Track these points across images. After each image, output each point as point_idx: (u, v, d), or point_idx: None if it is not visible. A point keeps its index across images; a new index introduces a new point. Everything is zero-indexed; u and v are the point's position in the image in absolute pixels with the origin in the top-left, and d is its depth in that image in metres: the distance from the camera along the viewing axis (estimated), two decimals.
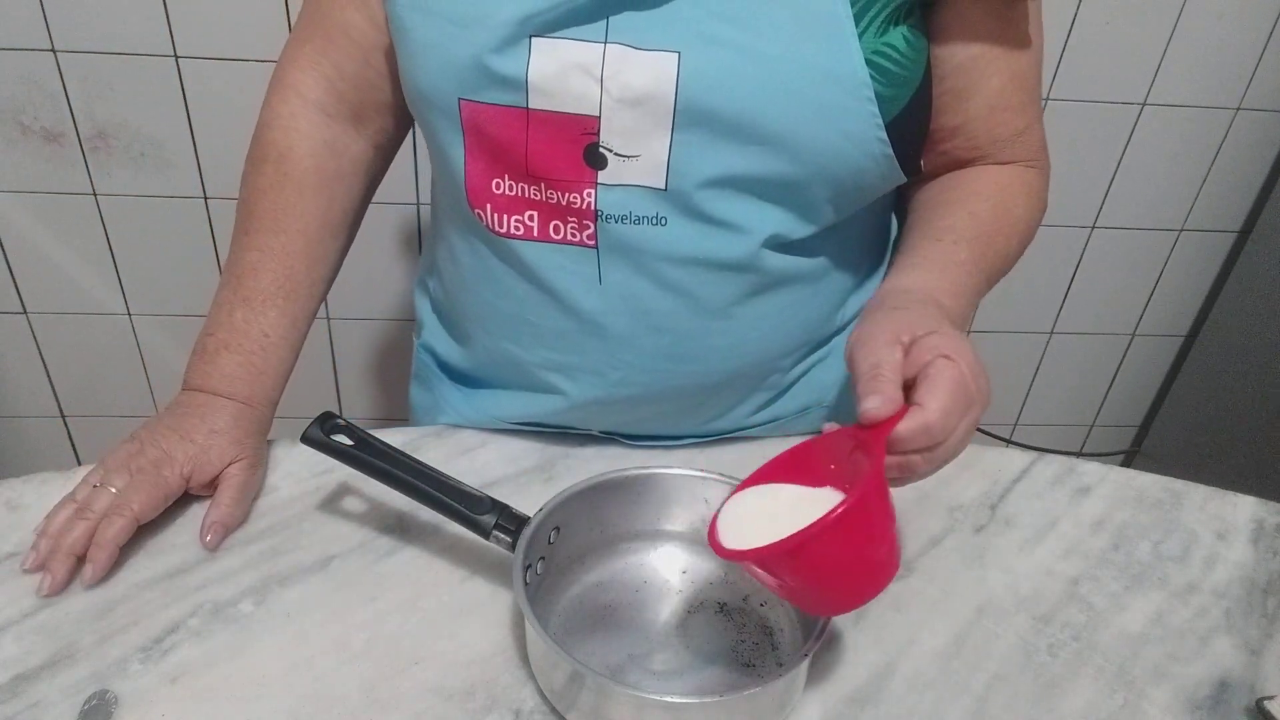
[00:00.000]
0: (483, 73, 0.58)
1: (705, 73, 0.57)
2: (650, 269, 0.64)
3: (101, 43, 1.27)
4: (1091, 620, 0.63)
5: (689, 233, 0.62)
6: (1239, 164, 1.55)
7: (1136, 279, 1.69)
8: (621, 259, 0.63)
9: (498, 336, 0.72)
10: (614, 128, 0.59)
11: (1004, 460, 0.76)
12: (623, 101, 0.58)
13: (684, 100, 0.58)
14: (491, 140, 0.61)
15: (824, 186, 0.62)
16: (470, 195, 0.64)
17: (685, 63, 0.57)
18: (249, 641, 0.57)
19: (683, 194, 0.61)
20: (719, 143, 0.59)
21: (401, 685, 0.55)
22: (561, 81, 0.58)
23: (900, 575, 0.64)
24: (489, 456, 0.73)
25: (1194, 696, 0.58)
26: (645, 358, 0.68)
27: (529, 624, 0.51)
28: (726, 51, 0.57)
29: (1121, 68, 1.44)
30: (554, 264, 0.65)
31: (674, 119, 0.58)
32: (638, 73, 0.57)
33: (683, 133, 0.59)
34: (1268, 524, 0.72)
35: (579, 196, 0.61)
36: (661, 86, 0.57)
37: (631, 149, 0.60)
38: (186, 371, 0.69)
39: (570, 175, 0.61)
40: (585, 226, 0.63)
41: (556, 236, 0.64)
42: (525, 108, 0.59)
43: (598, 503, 0.61)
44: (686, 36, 0.57)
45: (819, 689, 0.56)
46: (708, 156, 0.59)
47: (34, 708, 0.52)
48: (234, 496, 0.64)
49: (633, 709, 0.50)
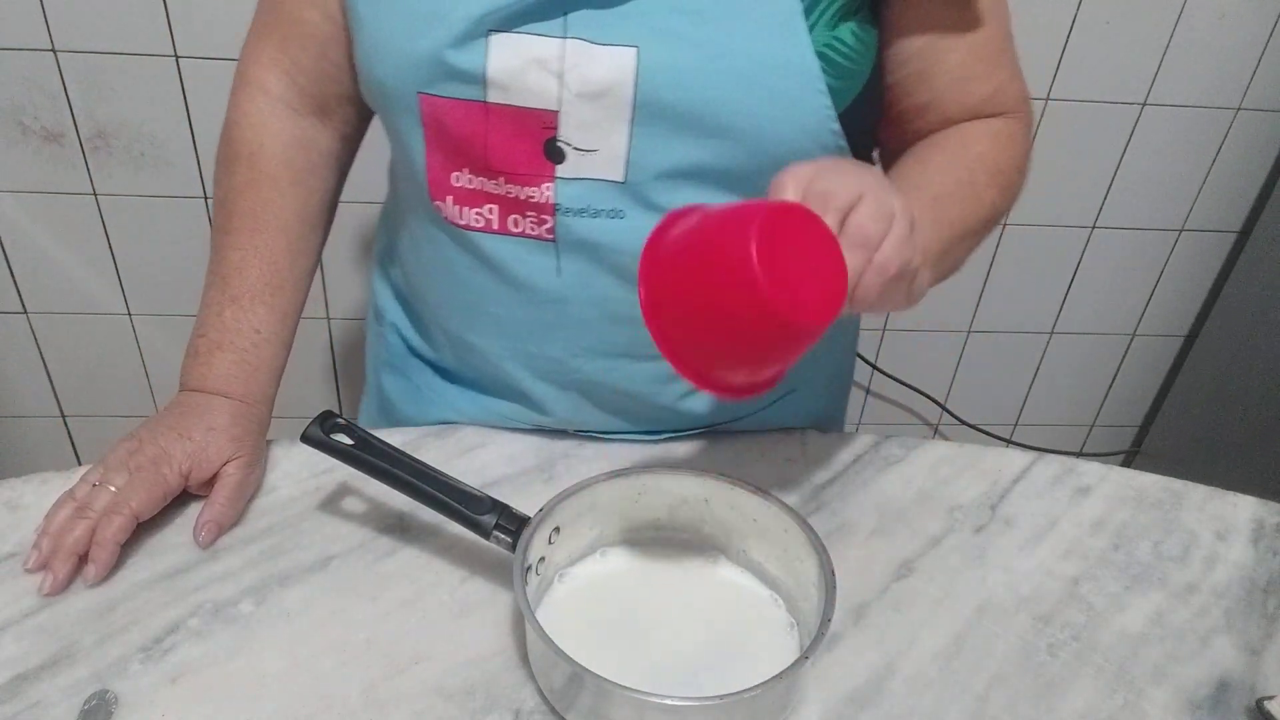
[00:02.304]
0: (441, 67, 0.59)
1: (663, 66, 0.58)
2: (609, 261, 0.64)
3: (101, 43, 1.27)
4: (1091, 620, 0.63)
5: (647, 224, 0.61)
6: (1239, 164, 1.55)
7: (1136, 279, 1.69)
8: (580, 251, 0.64)
9: (459, 326, 0.73)
10: (573, 122, 0.60)
11: (1004, 460, 0.76)
12: (582, 96, 0.59)
13: (643, 94, 0.58)
14: (451, 134, 0.62)
15: None
16: (431, 188, 0.65)
17: (644, 57, 0.58)
18: (249, 641, 0.57)
19: (641, 187, 0.62)
20: (677, 136, 0.60)
21: (401, 685, 0.55)
22: (520, 76, 0.59)
23: (900, 575, 0.65)
24: (489, 456, 0.73)
25: (1194, 696, 0.58)
26: (605, 348, 0.69)
27: (529, 624, 0.51)
28: (684, 45, 0.58)
29: (1121, 68, 1.44)
30: (513, 256, 0.65)
31: (633, 113, 0.59)
32: (596, 67, 0.58)
33: (641, 126, 0.59)
34: (1268, 524, 0.71)
35: (538, 190, 0.62)
36: (620, 80, 0.58)
37: (590, 143, 0.60)
38: (181, 373, 0.70)
39: (529, 169, 0.62)
40: (544, 220, 0.63)
41: (516, 229, 0.65)
42: (484, 102, 0.60)
43: (598, 503, 0.61)
44: (644, 31, 0.57)
45: (819, 689, 0.56)
46: (666, 149, 0.60)
47: (34, 708, 0.52)
48: (229, 495, 0.64)
49: (632, 709, 0.49)
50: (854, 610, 0.62)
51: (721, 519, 0.62)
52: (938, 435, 1.85)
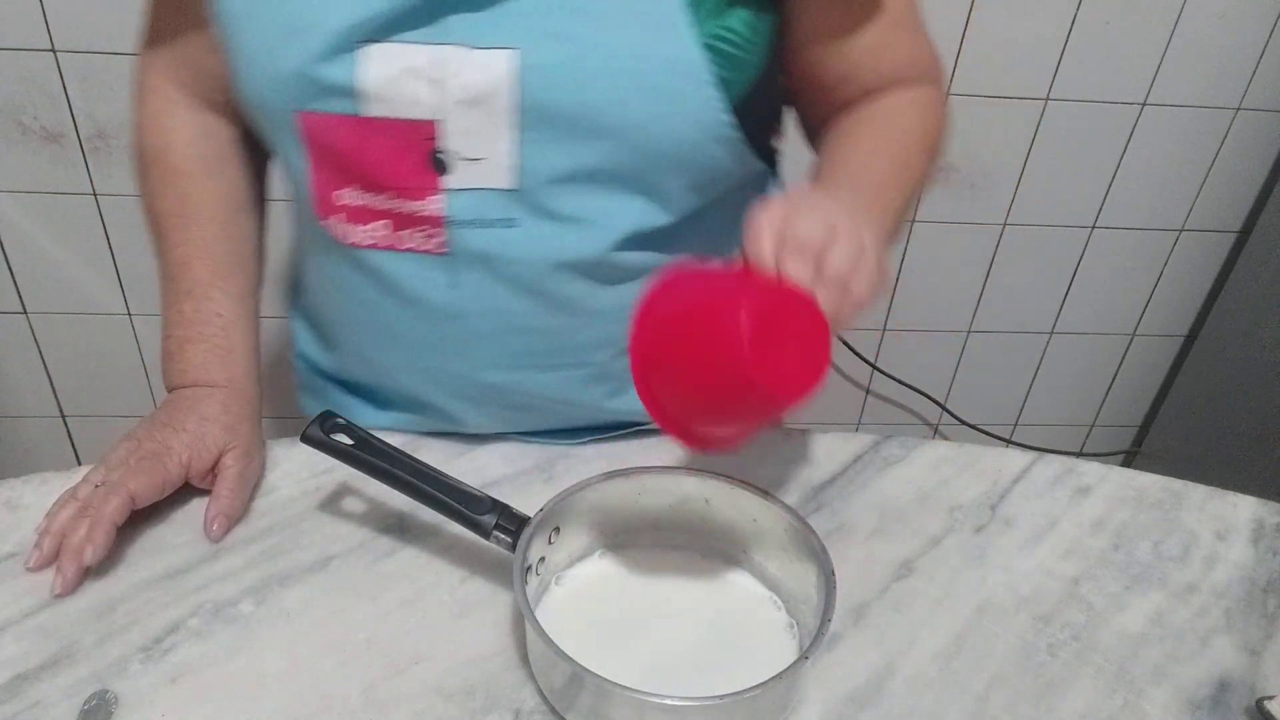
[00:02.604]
0: (312, 83, 0.57)
1: (545, 68, 0.56)
2: (504, 272, 0.63)
3: (101, 43, 1.27)
4: (1091, 620, 0.63)
5: (542, 232, 0.62)
6: (1239, 164, 1.55)
7: (1136, 279, 1.69)
8: (475, 263, 0.63)
9: (362, 345, 0.72)
10: (456, 131, 0.58)
11: (1004, 460, 0.76)
12: (462, 103, 0.57)
13: (526, 97, 0.57)
14: (332, 151, 0.60)
15: (677, 176, 0.62)
16: (318, 207, 0.63)
17: (524, 59, 0.56)
18: (249, 641, 0.57)
19: (533, 193, 0.60)
20: (566, 139, 0.58)
21: (401, 685, 0.55)
22: (395, 87, 0.57)
23: (900, 575, 0.65)
24: (489, 456, 0.73)
25: (1194, 696, 0.58)
26: (508, 358, 0.68)
27: (529, 624, 0.51)
28: (565, 45, 0.56)
29: (1121, 68, 1.44)
30: (407, 273, 0.64)
31: (518, 118, 0.57)
32: (475, 72, 0.56)
33: (528, 131, 0.58)
34: (1268, 524, 0.71)
35: (426, 204, 0.61)
36: (501, 85, 0.56)
37: (476, 151, 0.59)
38: (163, 376, 0.70)
39: (415, 182, 0.60)
40: (435, 234, 0.62)
41: (408, 245, 0.63)
42: (361, 115, 0.58)
43: (598, 503, 0.61)
44: (523, 32, 0.56)
45: (819, 689, 0.56)
46: (556, 153, 0.59)
47: (34, 708, 0.52)
48: (232, 486, 0.65)
49: (632, 709, 0.49)
50: (854, 610, 0.62)
51: (721, 519, 0.62)
52: (938, 435, 1.85)
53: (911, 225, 1.59)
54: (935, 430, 1.85)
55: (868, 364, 1.73)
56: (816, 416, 1.79)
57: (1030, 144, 1.51)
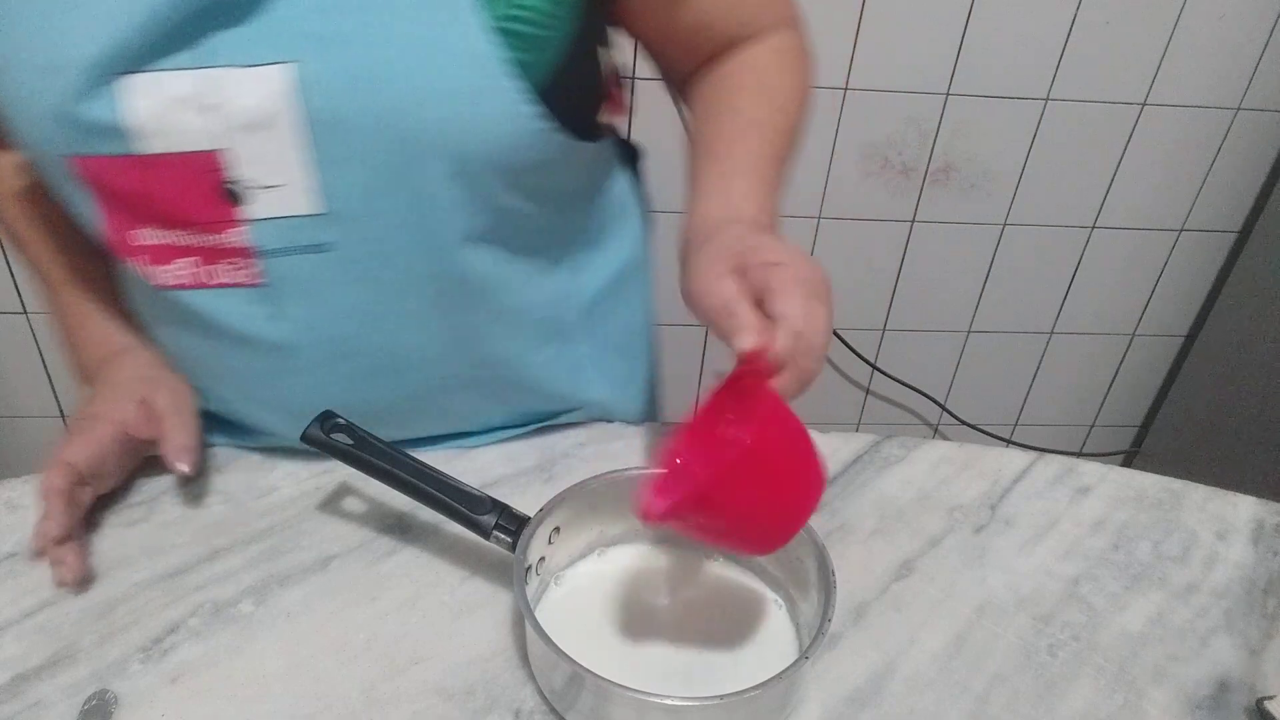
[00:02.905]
0: (74, 124, 0.51)
1: (328, 78, 0.51)
2: (327, 297, 0.59)
3: None
4: (1091, 620, 0.63)
5: (361, 254, 0.58)
6: (1239, 164, 1.56)
7: (1136, 279, 1.69)
8: (295, 292, 0.59)
9: (197, 378, 0.68)
10: (244, 159, 0.53)
11: (1004, 460, 0.76)
12: (244, 129, 0.52)
13: (313, 114, 0.52)
14: (118, 192, 0.55)
15: (496, 177, 0.58)
16: (117, 251, 0.58)
17: (302, 72, 0.51)
18: (249, 641, 0.57)
19: (344, 215, 0.56)
20: (369, 152, 0.54)
21: (401, 685, 0.55)
22: (166, 119, 0.51)
23: (900, 575, 0.65)
24: (489, 456, 0.73)
25: (1194, 696, 0.58)
26: (345, 382, 0.64)
27: (529, 624, 0.51)
28: (347, 50, 0.51)
29: (1121, 68, 1.44)
30: (226, 309, 0.60)
31: (309, 137, 0.53)
32: (251, 93, 0.51)
33: (324, 150, 0.53)
34: (1268, 524, 0.71)
35: (228, 236, 0.56)
36: (283, 104, 0.51)
37: (273, 178, 0.54)
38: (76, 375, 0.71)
39: (212, 217, 0.55)
40: (246, 265, 0.57)
41: (220, 280, 0.58)
42: (136, 154, 0.52)
43: (598, 503, 0.61)
44: (298, 41, 0.51)
45: (819, 689, 0.56)
46: (360, 170, 0.54)
47: (34, 708, 0.52)
48: (172, 421, 0.63)
49: (632, 709, 0.49)
50: (854, 610, 0.62)
51: None
52: (938, 435, 1.85)
53: (911, 225, 1.59)
54: (935, 430, 1.85)
55: (868, 364, 1.73)
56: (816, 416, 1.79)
57: (1030, 144, 1.51)
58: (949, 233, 1.60)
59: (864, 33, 1.40)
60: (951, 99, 1.46)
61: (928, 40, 1.41)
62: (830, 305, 0.53)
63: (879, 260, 1.63)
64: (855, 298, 1.66)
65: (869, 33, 1.39)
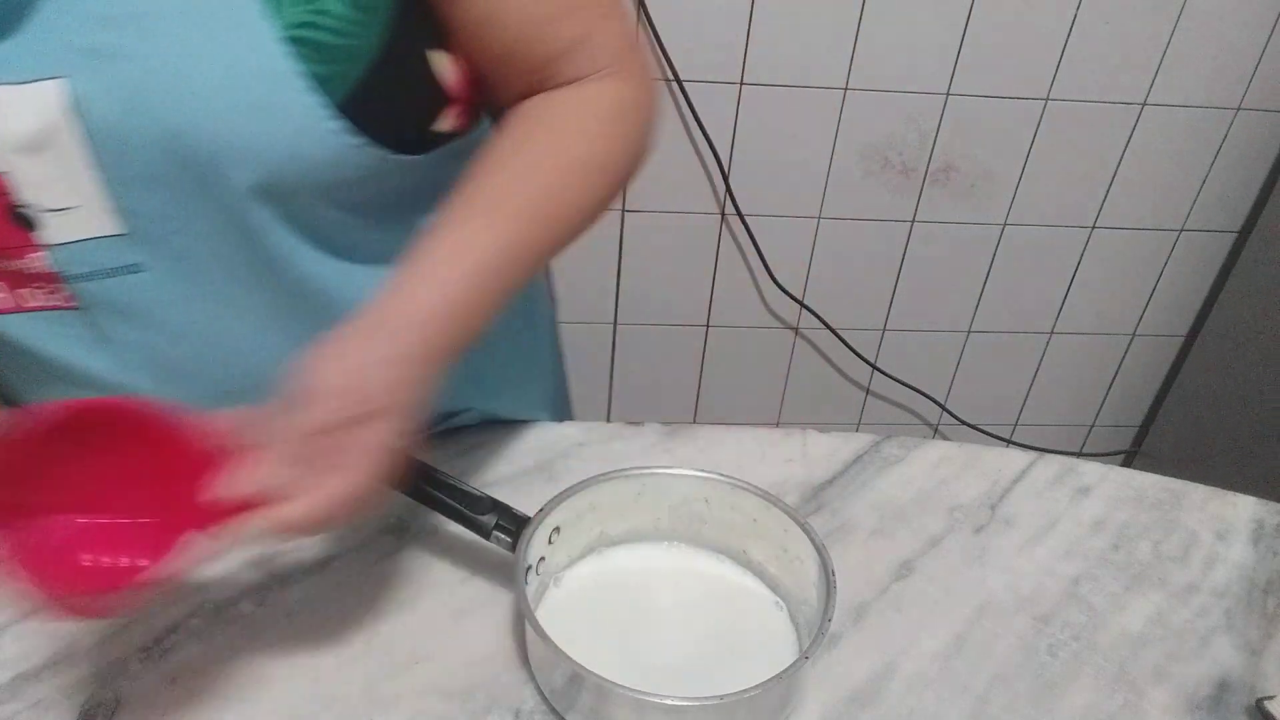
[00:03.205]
0: None
1: (103, 94, 0.47)
2: (151, 320, 0.56)
3: None
4: (1091, 620, 0.63)
5: (177, 273, 0.54)
6: (1239, 164, 1.56)
7: (1136, 279, 1.69)
8: (115, 315, 0.55)
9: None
10: (28, 182, 0.49)
11: (1004, 460, 0.76)
12: (23, 150, 0.48)
13: (93, 132, 0.48)
14: None
15: (309, 192, 0.54)
16: None
17: (74, 88, 0.47)
18: (249, 641, 0.57)
19: (151, 234, 0.53)
20: (161, 170, 0.50)
21: (401, 685, 0.55)
22: None
23: (900, 575, 0.65)
24: (489, 456, 0.73)
25: (1194, 696, 0.58)
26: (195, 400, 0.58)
27: (529, 624, 0.51)
28: (121, 65, 0.47)
29: (1121, 68, 1.44)
30: (47, 335, 0.56)
31: (92, 156, 0.49)
32: (23, 112, 0.47)
33: (113, 169, 0.50)
34: (1268, 524, 0.71)
35: (29, 261, 0.52)
36: (58, 122, 0.47)
37: (63, 200, 0.50)
38: None
39: (7, 243, 0.51)
40: (55, 289, 0.54)
41: (33, 304, 0.55)
42: None
43: (598, 503, 0.61)
44: (67, 55, 0.47)
45: (819, 689, 0.56)
46: (159, 189, 0.51)
47: (34, 708, 0.52)
48: None
49: (632, 709, 0.50)
50: (854, 610, 0.62)
51: (721, 519, 0.62)
52: (938, 435, 1.85)
53: (911, 225, 1.59)
54: (935, 430, 1.85)
55: (868, 364, 1.73)
56: (816, 416, 1.79)
57: (1030, 144, 1.51)
58: (949, 233, 1.60)
59: (864, 33, 1.39)
60: (951, 99, 1.46)
61: (928, 40, 1.41)
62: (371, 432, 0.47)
63: (879, 260, 1.63)
64: (855, 298, 1.66)
65: (869, 33, 1.39)
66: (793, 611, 0.60)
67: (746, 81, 1.43)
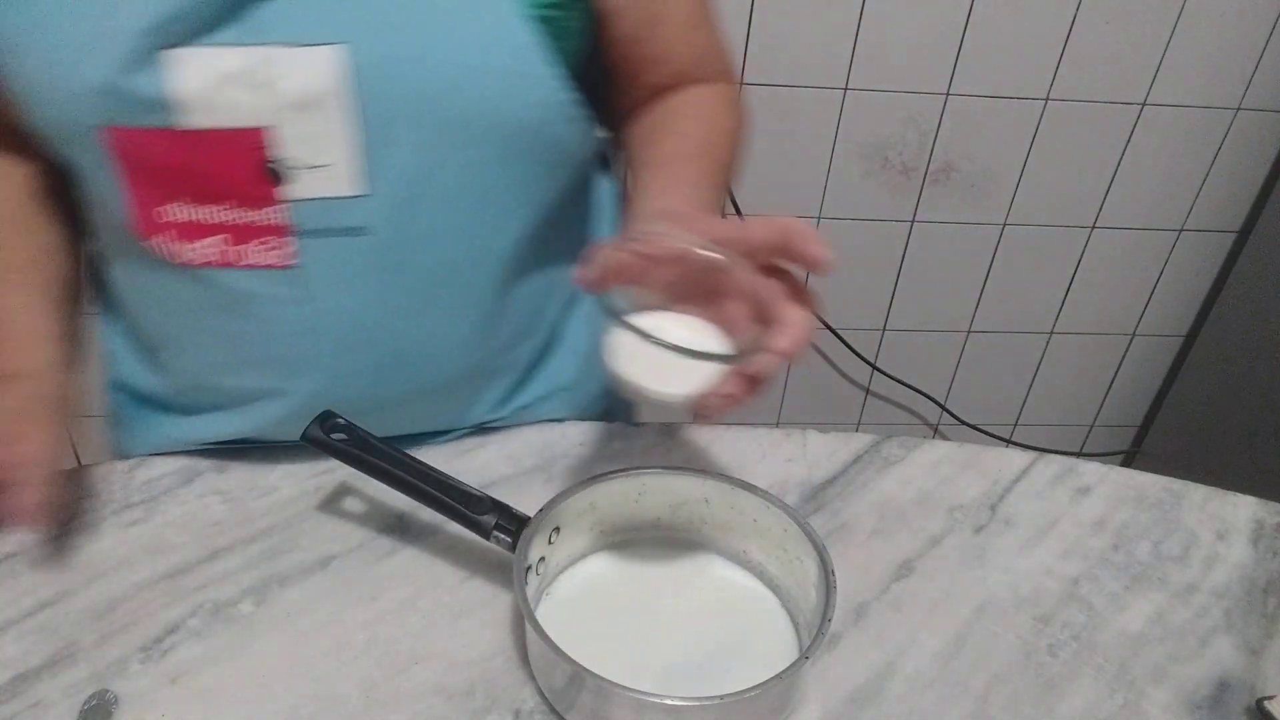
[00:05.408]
0: (118, 96, 0.51)
1: (381, 62, 0.52)
2: (357, 283, 0.60)
3: None
4: (1091, 620, 0.63)
5: (398, 239, 0.58)
6: (1239, 164, 1.56)
7: (1136, 279, 1.69)
8: (327, 275, 0.59)
9: (200, 369, 0.67)
10: (291, 137, 0.53)
11: (1004, 460, 0.76)
12: (294, 107, 0.52)
13: (365, 95, 0.53)
14: (153, 166, 0.55)
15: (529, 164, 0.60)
16: (140, 227, 0.57)
17: (355, 54, 0.52)
18: (249, 641, 0.57)
19: (388, 198, 0.57)
20: (416, 135, 0.55)
21: (401, 685, 0.55)
22: (214, 94, 0.52)
23: (900, 575, 0.65)
24: (489, 456, 0.73)
25: (1194, 696, 0.58)
26: (363, 371, 0.64)
27: (529, 624, 0.51)
28: (396, 32, 0.52)
29: (1121, 68, 1.44)
30: (254, 288, 0.59)
31: (358, 119, 0.53)
32: (303, 73, 0.51)
33: (372, 132, 0.54)
34: (1268, 524, 0.71)
35: (266, 214, 0.56)
36: (335, 85, 0.52)
37: (319, 158, 0.54)
38: None
39: (253, 193, 0.55)
40: (282, 245, 0.57)
41: (248, 261, 0.58)
42: (180, 128, 0.52)
43: (598, 503, 0.61)
44: (350, 24, 0.51)
45: (819, 689, 0.56)
46: (404, 154, 0.55)
47: (34, 708, 0.52)
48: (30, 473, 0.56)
49: (632, 709, 0.50)
50: (854, 610, 0.62)
51: (721, 519, 0.62)
52: (938, 435, 1.85)
53: (911, 225, 1.59)
54: (935, 430, 1.85)
55: (868, 364, 1.73)
56: (816, 416, 1.79)
57: (1030, 144, 1.51)
58: (949, 233, 1.60)
59: (864, 33, 1.40)
60: (951, 99, 1.46)
61: (928, 40, 1.41)
62: None
63: (879, 260, 1.63)
64: (855, 298, 1.66)
65: (869, 33, 1.39)
66: (793, 612, 0.60)
67: (746, 81, 1.43)
